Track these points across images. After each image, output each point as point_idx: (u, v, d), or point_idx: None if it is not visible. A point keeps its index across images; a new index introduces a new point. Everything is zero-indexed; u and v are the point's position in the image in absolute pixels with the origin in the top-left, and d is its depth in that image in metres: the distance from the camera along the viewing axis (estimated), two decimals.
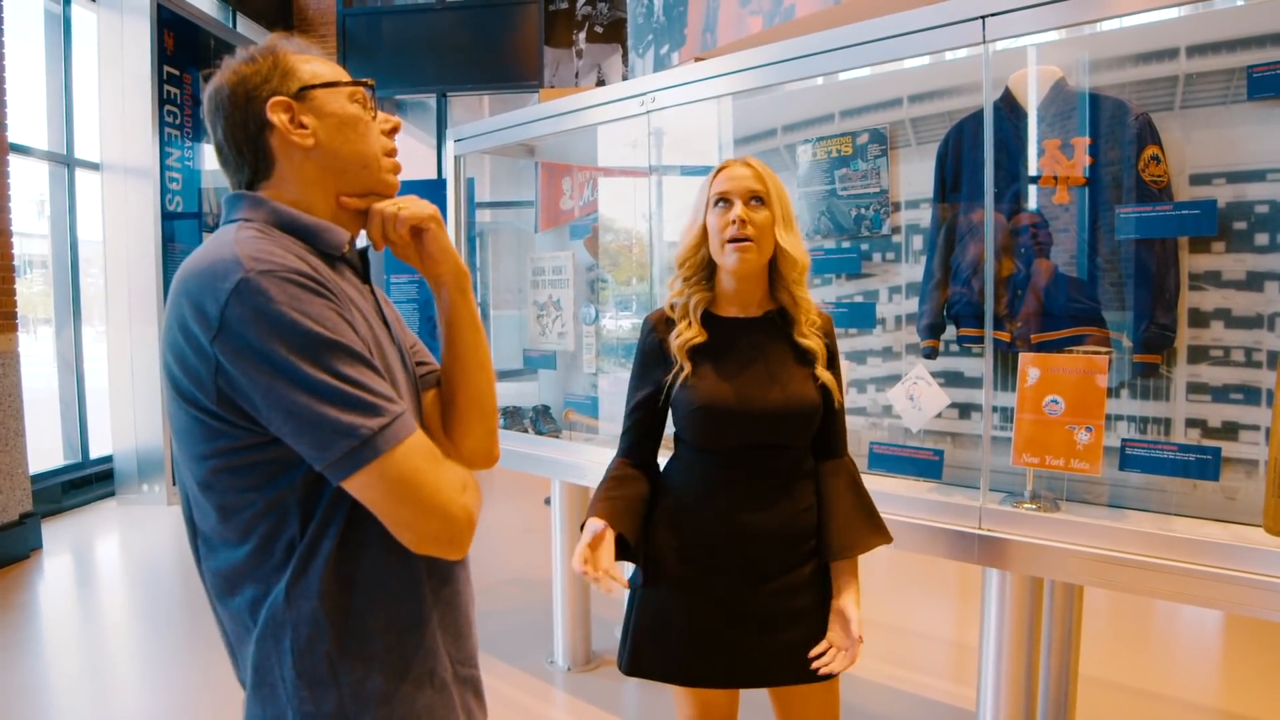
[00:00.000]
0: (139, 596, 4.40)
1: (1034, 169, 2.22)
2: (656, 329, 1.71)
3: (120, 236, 6.04)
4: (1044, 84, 2.20)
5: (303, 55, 1.07)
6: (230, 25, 7.97)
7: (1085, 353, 2.07)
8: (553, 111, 3.17)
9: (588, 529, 1.57)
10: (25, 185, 5.83)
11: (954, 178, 2.36)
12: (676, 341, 1.65)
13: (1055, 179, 2.19)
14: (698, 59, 3.91)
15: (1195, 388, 2.07)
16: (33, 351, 5.49)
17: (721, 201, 1.62)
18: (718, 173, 1.66)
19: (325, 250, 1.04)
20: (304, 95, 1.04)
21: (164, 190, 6.09)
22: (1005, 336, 2.21)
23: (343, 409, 0.89)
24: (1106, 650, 3.47)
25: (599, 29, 8.30)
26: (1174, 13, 1.85)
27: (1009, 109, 2.22)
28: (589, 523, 1.58)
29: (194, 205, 6.39)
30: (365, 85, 1.10)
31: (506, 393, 3.97)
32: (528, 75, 8.58)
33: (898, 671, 3.30)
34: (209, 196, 6.58)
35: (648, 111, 2.78)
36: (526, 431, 3.54)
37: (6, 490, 4.76)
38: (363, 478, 0.91)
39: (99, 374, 6.16)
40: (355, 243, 1.11)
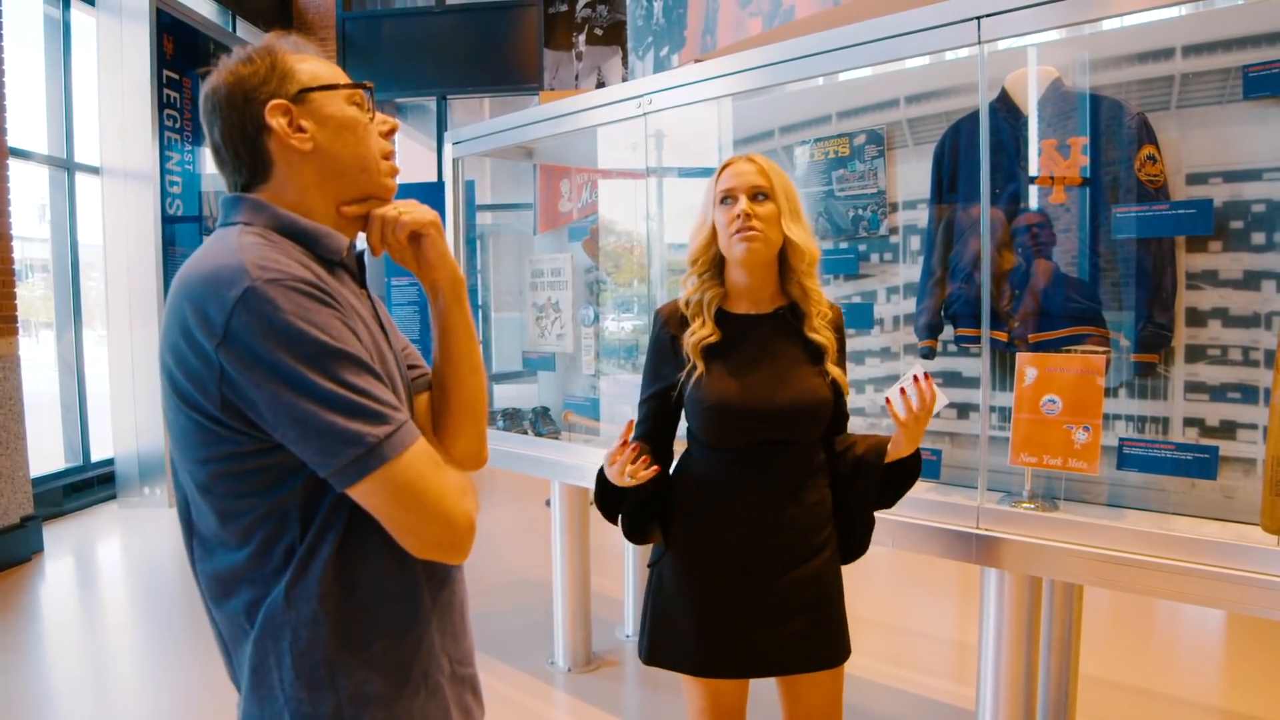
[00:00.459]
0: (140, 599, 4.41)
1: (1030, 169, 2.22)
2: (668, 324, 1.74)
3: (120, 240, 6.05)
4: (1040, 84, 2.20)
5: (300, 55, 1.06)
6: (230, 29, 7.99)
7: (1083, 352, 2.08)
8: (550, 114, 3.18)
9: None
10: (26, 189, 5.84)
11: (951, 178, 2.36)
12: (691, 340, 1.67)
13: (1052, 179, 2.19)
14: (697, 61, 3.92)
15: (1193, 387, 2.07)
16: (34, 355, 5.50)
17: (727, 199, 1.65)
18: (722, 170, 1.69)
19: (325, 256, 1.04)
20: (302, 98, 1.03)
21: (164, 194, 6.10)
22: (1003, 336, 2.21)
23: (349, 417, 0.90)
24: (1108, 649, 3.47)
25: (599, 31, 8.31)
26: (1169, 13, 1.86)
27: (1005, 109, 2.23)
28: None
29: (194, 209, 6.40)
30: (364, 87, 1.09)
31: (506, 394, 3.98)
32: (528, 78, 8.58)
33: (899, 671, 3.30)
34: (209, 200, 6.59)
35: (645, 114, 2.79)
36: (526, 433, 3.54)
37: (8, 493, 4.77)
38: (368, 484, 0.92)
39: (100, 377, 6.16)
40: (354, 247, 1.11)
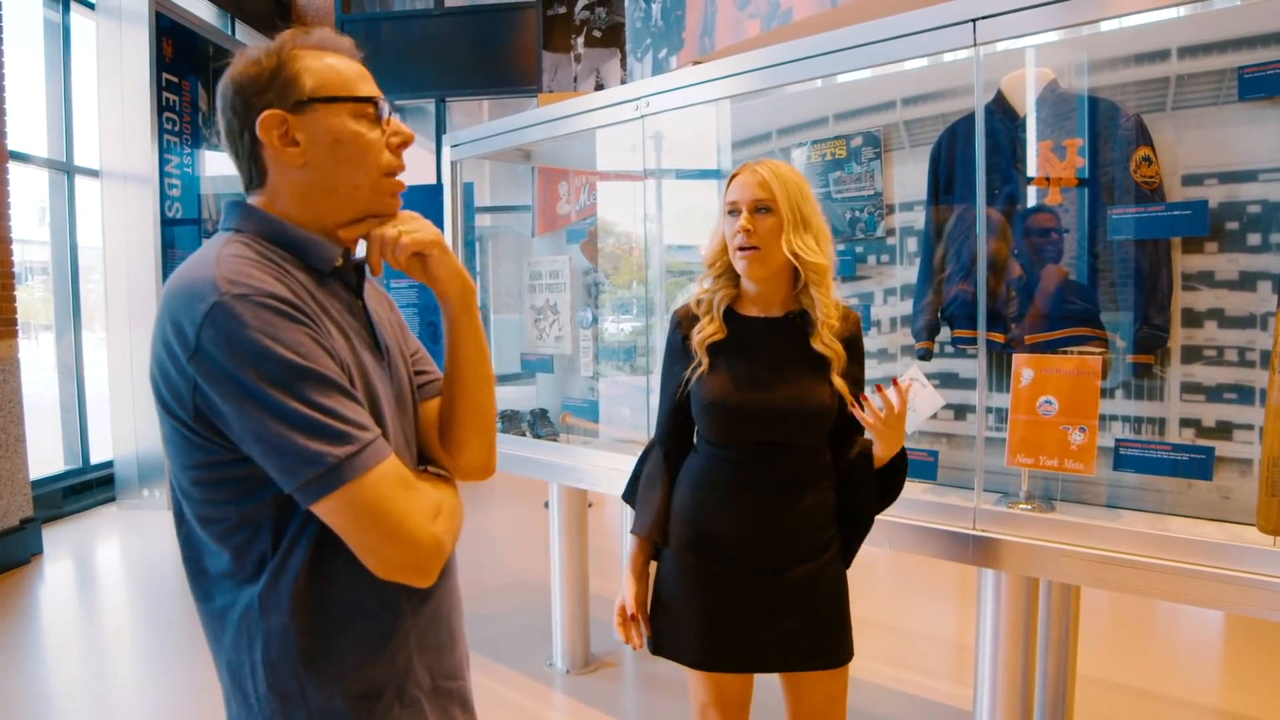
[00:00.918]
0: (139, 601, 4.41)
1: (1027, 171, 2.23)
2: (682, 325, 1.77)
3: (120, 243, 6.06)
4: (1036, 86, 2.21)
5: (318, 54, 1.03)
6: (229, 32, 8.00)
7: (1079, 353, 2.08)
8: (548, 116, 3.18)
9: (631, 590, 1.75)
10: (25, 192, 5.84)
11: (947, 180, 2.36)
12: (697, 337, 1.70)
13: (1048, 180, 2.20)
14: (695, 63, 3.92)
15: (1189, 387, 2.08)
16: (33, 357, 5.50)
17: (732, 210, 1.67)
18: (732, 179, 1.70)
19: (314, 265, 1.03)
20: (302, 108, 1.01)
21: (163, 196, 6.10)
22: (999, 338, 2.22)
23: (310, 436, 0.89)
24: (1106, 650, 3.47)
25: (597, 33, 8.31)
26: (1165, 15, 1.86)
27: (1001, 111, 2.23)
28: (625, 587, 1.76)
29: (193, 211, 6.41)
30: (371, 101, 1.05)
31: (504, 396, 3.97)
32: (526, 80, 8.59)
33: (898, 672, 3.30)
34: (208, 202, 6.59)
35: (643, 116, 2.79)
36: (524, 435, 3.54)
37: (7, 495, 4.77)
38: (329, 504, 0.91)
39: (99, 380, 6.17)
40: (350, 255, 1.10)
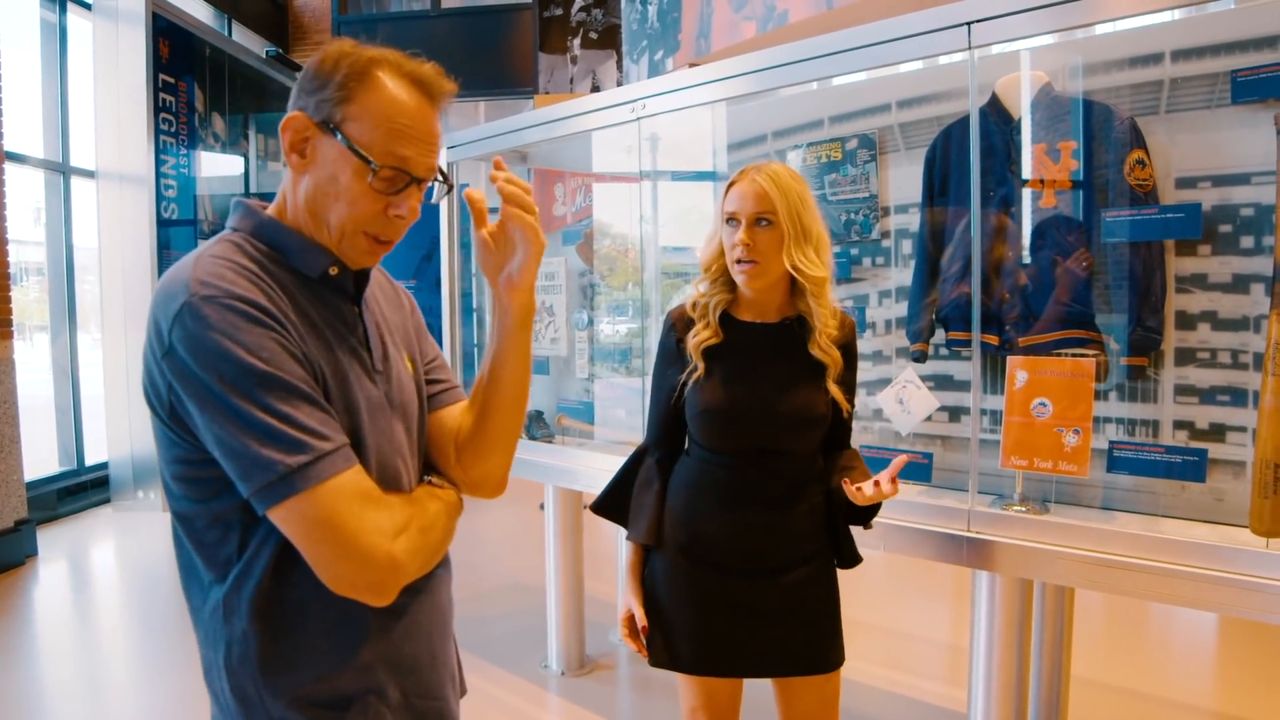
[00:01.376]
0: (134, 603, 4.40)
1: (1021, 173, 2.23)
2: (675, 327, 1.75)
3: (116, 244, 6.05)
4: (1030, 89, 2.21)
5: (399, 85, 0.98)
6: (225, 33, 7.99)
7: (1073, 355, 2.08)
8: (544, 118, 3.18)
9: (630, 601, 1.74)
10: (21, 193, 5.83)
11: (942, 182, 2.37)
12: (693, 341, 1.69)
13: (1042, 183, 2.20)
14: (691, 65, 3.93)
15: (1182, 390, 2.08)
16: (28, 358, 5.50)
17: (731, 220, 1.64)
18: (730, 186, 1.66)
19: (298, 270, 1.02)
20: (327, 129, 0.98)
21: (159, 197, 6.09)
22: (994, 340, 2.22)
23: (263, 443, 0.88)
24: (1100, 652, 3.48)
25: (593, 35, 8.32)
26: (1159, 18, 1.87)
27: (995, 114, 2.24)
28: (629, 596, 1.75)
29: (189, 212, 6.40)
30: (406, 175, 0.99)
31: None
32: (522, 81, 8.60)
33: (892, 674, 3.30)
34: (204, 203, 6.59)
35: (638, 118, 2.79)
36: (520, 437, 3.54)
37: (1, 497, 4.75)
38: (280, 512, 0.90)
39: (94, 381, 6.15)
40: (343, 266, 1.06)
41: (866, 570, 1.99)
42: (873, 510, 1.71)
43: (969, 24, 1.98)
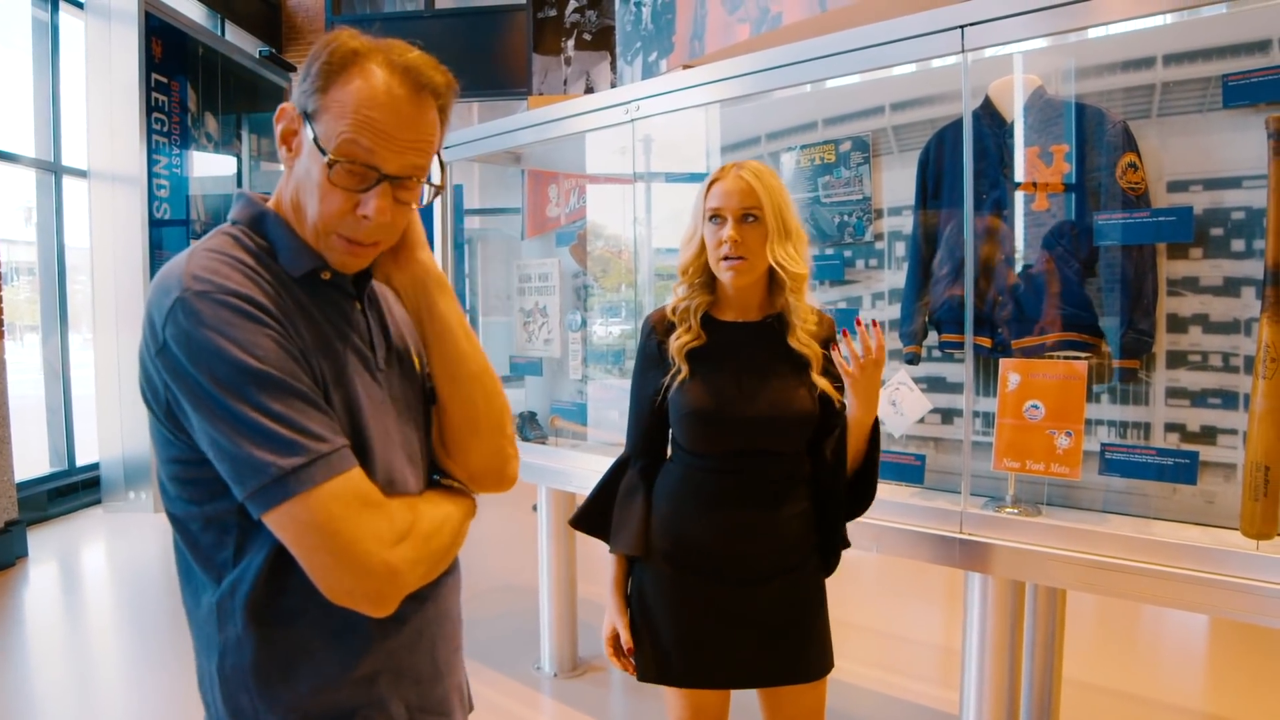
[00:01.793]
0: (125, 604, 4.38)
1: (1013, 176, 2.24)
2: (655, 330, 1.72)
3: (107, 244, 6.03)
4: (1023, 92, 2.22)
5: (383, 74, 0.93)
6: (219, 33, 7.97)
7: (1065, 358, 2.09)
8: (538, 119, 3.18)
9: (615, 619, 1.71)
10: (12, 192, 5.81)
11: (935, 185, 2.37)
12: (675, 344, 1.66)
13: (1034, 186, 2.21)
14: (685, 66, 3.93)
15: (1174, 392, 2.09)
16: (19, 359, 5.47)
17: (715, 218, 1.62)
18: (712, 183, 1.64)
19: (285, 267, 0.97)
20: (308, 119, 0.94)
21: (151, 197, 6.07)
22: (987, 342, 2.23)
23: (257, 444, 0.84)
24: (1092, 653, 3.49)
25: (587, 36, 8.33)
26: (1151, 22, 1.88)
27: (989, 117, 2.24)
28: (614, 613, 1.72)
29: (181, 212, 6.37)
30: (370, 169, 0.94)
31: None
32: (516, 82, 8.59)
33: (884, 676, 3.31)
34: (197, 203, 6.56)
35: (633, 120, 2.79)
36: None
37: None
38: (275, 517, 0.86)
39: (85, 381, 6.13)
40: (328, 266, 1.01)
41: (858, 572, 1.98)
42: (868, 496, 1.71)
43: (962, 27, 1.98)
